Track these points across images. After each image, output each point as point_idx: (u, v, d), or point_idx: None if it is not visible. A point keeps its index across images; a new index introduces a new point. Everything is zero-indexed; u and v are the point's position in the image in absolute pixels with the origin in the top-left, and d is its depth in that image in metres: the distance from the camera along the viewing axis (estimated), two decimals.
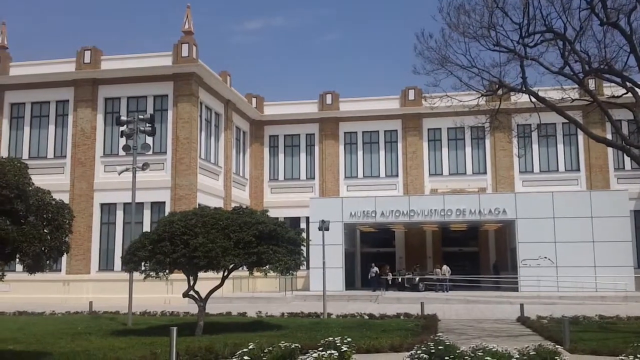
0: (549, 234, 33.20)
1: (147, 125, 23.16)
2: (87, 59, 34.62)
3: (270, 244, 17.38)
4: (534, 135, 36.19)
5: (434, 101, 19.75)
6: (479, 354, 10.27)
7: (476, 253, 41.86)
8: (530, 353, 10.87)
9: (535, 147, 39.64)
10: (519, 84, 18.80)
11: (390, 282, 35.68)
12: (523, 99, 24.77)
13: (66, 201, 13.46)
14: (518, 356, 10.48)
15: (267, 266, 17.63)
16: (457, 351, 10.47)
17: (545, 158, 40.43)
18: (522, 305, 21.88)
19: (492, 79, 19.05)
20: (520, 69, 18.38)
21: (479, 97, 19.51)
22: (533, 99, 19.05)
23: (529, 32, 17.75)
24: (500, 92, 19.66)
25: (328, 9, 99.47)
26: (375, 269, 36.38)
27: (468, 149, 41.43)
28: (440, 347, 10.50)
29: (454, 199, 35.58)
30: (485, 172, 40.96)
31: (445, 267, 36.47)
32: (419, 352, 10.61)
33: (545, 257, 33.08)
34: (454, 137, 41.53)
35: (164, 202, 32.70)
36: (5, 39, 36.39)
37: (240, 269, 18.89)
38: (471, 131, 38.92)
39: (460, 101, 19.59)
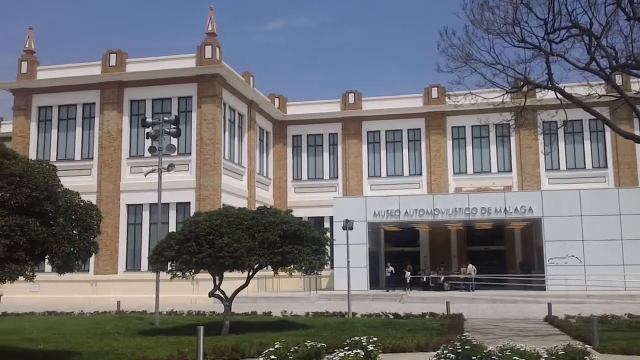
0: (577, 232, 32.77)
1: (172, 126, 23.36)
2: (112, 62, 35.09)
3: (295, 243, 17.44)
4: (560, 132, 35.77)
5: (458, 99, 19.59)
6: (507, 353, 10.16)
7: (502, 252, 41.46)
8: (559, 353, 10.71)
9: (561, 144, 39.18)
10: (544, 81, 18.58)
11: (408, 281, 35.47)
12: (549, 95, 24.47)
13: (93, 202, 13.64)
14: (547, 356, 10.34)
15: (292, 266, 17.69)
16: (484, 351, 10.37)
17: (572, 155, 39.91)
18: (549, 305, 21.61)
19: (517, 76, 18.85)
20: (546, 66, 18.16)
21: (503, 94, 19.30)
22: (559, 96, 18.82)
23: (555, 28, 17.52)
24: (525, 89, 19.44)
25: (349, 8, 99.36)
26: (391, 268, 36.15)
27: (493, 147, 41.06)
28: (467, 347, 10.42)
29: (479, 198, 35.31)
30: (510, 170, 40.57)
31: (470, 266, 36.18)
32: (445, 351, 10.53)
33: (573, 256, 32.66)
34: (478, 135, 41.20)
35: (189, 203, 32.97)
36: (33, 44, 37.01)
37: (265, 268, 18.97)
38: (496, 129, 38.59)
39: (485, 98, 19.41)
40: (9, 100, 36.90)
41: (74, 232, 11.32)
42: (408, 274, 35.75)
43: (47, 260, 11.40)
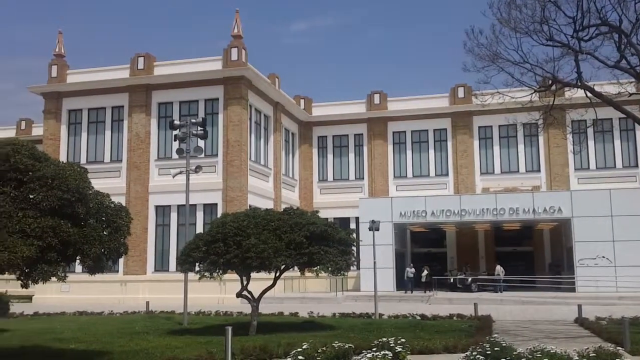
0: (607, 232, 32.25)
1: (199, 128, 23.59)
2: (140, 65, 35.55)
3: (321, 244, 17.45)
4: (590, 131, 35.17)
5: (485, 98, 19.41)
6: (537, 355, 10.07)
7: (531, 253, 40.99)
8: (590, 355, 10.59)
9: (591, 143, 38.64)
10: (573, 79, 18.31)
11: (423, 280, 35.23)
12: (578, 94, 24.07)
13: (123, 204, 13.83)
14: (577, 358, 10.24)
15: (318, 266, 17.71)
16: (514, 352, 10.29)
17: (602, 154, 39.28)
18: (579, 306, 21.31)
19: (545, 75, 18.60)
20: (575, 64, 17.90)
21: (531, 93, 19.07)
22: (588, 94, 18.53)
23: (583, 25, 17.26)
24: (554, 87, 19.18)
25: (373, 8, 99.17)
26: (412, 269, 35.77)
27: (521, 147, 40.62)
28: (496, 349, 10.34)
29: (507, 198, 34.97)
30: (539, 170, 40.10)
31: (498, 267, 35.85)
32: (474, 353, 10.47)
33: (603, 257, 32.15)
34: (505, 134, 40.79)
35: (216, 204, 33.22)
36: (62, 48, 37.66)
37: (291, 269, 19.04)
38: (524, 128, 38.06)
39: (513, 98, 19.20)
40: (39, 104, 37.58)
41: (105, 233, 11.46)
42: (425, 273, 35.50)
43: (78, 261, 11.57)
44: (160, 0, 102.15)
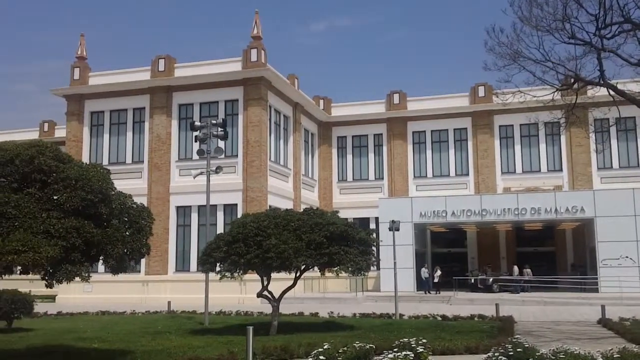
0: (631, 232, 31.80)
1: (220, 129, 23.72)
2: (161, 67, 35.86)
3: (342, 244, 17.46)
4: (613, 129, 34.75)
5: (506, 97, 19.24)
6: (560, 356, 9.96)
7: (553, 253, 40.57)
8: (614, 356, 10.45)
9: (614, 142, 38.12)
10: (596, 77, 18.07)
11: (435, 281, 34.93)
12: (601, 92, 23.81)
13: (144, 205, 13.96)
14: (601, 359, 10.10)
15: (339, 267, 17.71)
16: (537, 354, 10.19)
17: (625, 153, 38.74)
18: (603, 307, 21.05)
19: (567, 73, 18.37)
20: (598, 62, 17.66)
21: (553, 92, 18.87)
22: (611, 93, 18.28)
23: (606, 23, 17.02)
24: (576, 86, 18.96)
25: (391, 8, 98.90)
26: (428, 270, 35.47)
27: (542, 146, 40.23)
28: (519, 350, 10.26)
29: (529, 198, 34.63)
30: (561, 169, 39.68)
31: (515, 268, 35.70)
32: (496, 354, 10.39)
33: (627, 257, 31.70)
34: (527, 133, 40.42)
35: (236, 204, 33.37)
36: (85, 50, 38.11)
37: (311, 269, 19.08)
38: (545, 127, 37.74)
39: (534, 96, 19.01)
40: (62, 106, 38.06)
41: (127, 233, 11.57)
42: (438, 273, 35.19)
43: (101, 261, 11.70)
44: (179, 2, 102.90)
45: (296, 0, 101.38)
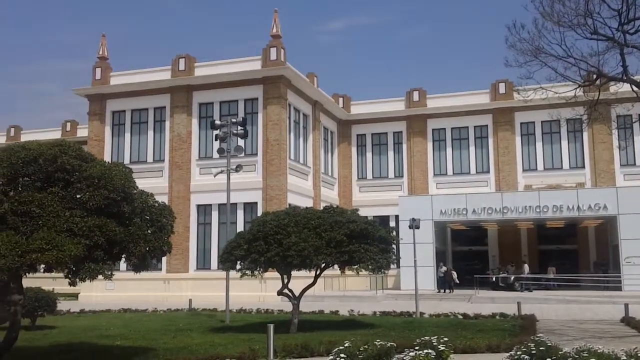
0: None
1: (240, 128, 23.82)
2: (182, 67, 36.08)
3: (362, 242, 17.44)
4: (636, 126, 34.25)
5: (528, 94, 19.05)
6: (584, 355, 9.83)
7: (575, 251, 40.13)
8: (639, 355, 10.31)
9: (637, 138, 37.52)
10: (619, 73, 17.82)
11: (456, 282, 34.57)
12: (624, 88, 23.46)
13: (166, 203, 14.05)
14: (625, 358, 9.96)
15: (359, 265, 17.70)
16: (560, 352, 10.07)
17: None
18: (626, 305, 20.78)
19: (589, 69, 18.14)
20: (620, 57, 17.41)
21: (576, 88, 18.66)
22: (635, 88, 18.03)
23: (629, 18, 16.78)
24: (598, 82, 18.71)
25: (409, 5, 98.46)
26: (444, 268, 35.02)
27: (564, 143, 39.79)
28: (541, 348, 10.15)
29: (550, 195, 34.29)
30: (583, 167, 39.22)
31: (526, 266, 35.41)
32: (518, 352, 10.29)
33: None
34: (548, 130, 40.00)
35: (256, 203, 33.49)
36: (106, 51, 38.49)
37: (331, 267, 19.08)
38: (567, 124, 37.27)
39: (556, 93, 18.81)
40: (84, 105, 38.51)
41: (149, 232, 11.65)
42: (442, 268, 34.86)
43: (123, 259, 11.82)
44: (199, 1, 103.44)
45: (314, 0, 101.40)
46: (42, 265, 10.32)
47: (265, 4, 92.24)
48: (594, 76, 18.40)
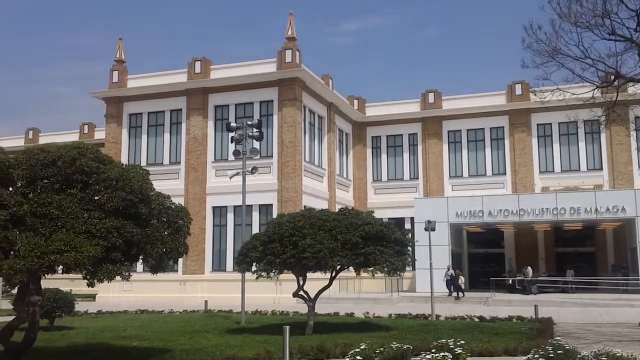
0: None
1: (255, 130, 23.88)
2: (197, 69, 36.28)
3: (377, 244, 17.42)
4: None
5: (545, 95, 18.91)
6: (602, 358, 9.75)
7: (593, 253, 39.72)
8: None
9: None
10: (637, 74, 17.66)
11: (462, 287, 33.73)
12: None
13: (182, 205, 14.11)
14: None
15: (374, 267, 17.66)
16: (578, 356, 10.00)
17: None
18: None
19: (607, 70, 17.99)
20: (639, 58, 17.25)
21: (593, 89, 18.50)
22: None
23: None
24: (616, 83, 18.54)
25: (423, 6, 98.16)
26: (451, 271, 33.71)
27: (582, 144, 39.45)
28: (559, 352, 10.07)
29: (568, 197, 33.97)
30: (601, 168, 38.84)
31: (529, 268, 35.04)
32: (536, 356, 10.22)
33: None
34: (565, 132, 39.66)
35: (271, 205, 33.56)
36: (123, 54, 38.81)
37: (346, 269, 19.05)
38: (585, 125, 36.94)
39: (573, 94, 18.65)
40: (101, 108, 38.84)
41: (166, 233, 11.73)
42: (462, 279, 33.65)
43: (140, 261, 11.90)
44: (213, 4, 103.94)
45: (327, 1, 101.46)
46: (61, 267, 10.41)
47: (280, 6, 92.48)
48: (612, 77, 18.25)
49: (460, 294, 32.78)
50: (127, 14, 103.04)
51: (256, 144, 30.43)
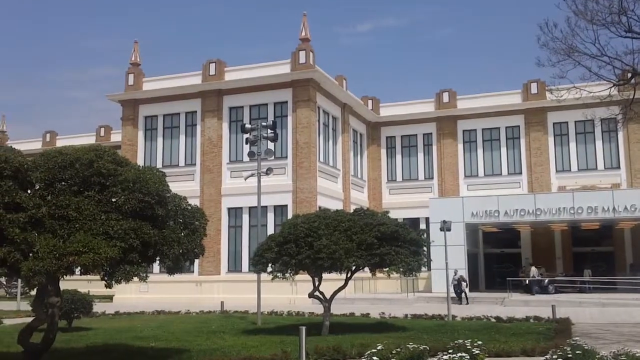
0: None
1: (270, 131, 23.95)
2: (212, 71, 36.44)
3: (392, 245, 17.39)
4: None
5: (561, 94, 18.76)
6: (622, 358, 9.66)
7: (610, 253, 39.31)
8: None
9: None
10: None
11: (463, 294, 32.59)
12: None
13: (198, 206, 14.17)
14: None
15: (390, 267, 17.63)
16: (597, 356, 9.91)
17: None
18: None
19: (624, 68, 17.81)
20: None
21: (610, 87, 18.33)
22: None
23: None
24: (634, 81, 18.35)
25: (438, 5, 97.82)
26: (458, 275, 31.63)
27: (599, 143, 39.08)
28: (577, 352, 9.99)
29: (585, 196, 33.64)
30: (618, 167, 38.46)
31: (533, 268, 34.78)
32: (554, 356, 10.16)
33: None
34: (582, 130, 39.31)
35: (286, 206, 33.61)
36: (138, 57, 39.08)
37: (362, 270, 19.02)
38: (602, 124, 36.56)
39: (590, 92, 18.48)
40: (117, 111, 39.19)
41: (182, 234, 11.81)
42: (466, 285, 31.94)
43: (157, 262, 11.99)
44: (227, 6, 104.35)
45: (341, 1, 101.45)
46: (79, 268, 10.52)
47: (293, 8, 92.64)
48: (629, 75, 18.06)
49: (464, 301, 30.97)
50: (142, 18, 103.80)
51: (271, 145, 30.47)
